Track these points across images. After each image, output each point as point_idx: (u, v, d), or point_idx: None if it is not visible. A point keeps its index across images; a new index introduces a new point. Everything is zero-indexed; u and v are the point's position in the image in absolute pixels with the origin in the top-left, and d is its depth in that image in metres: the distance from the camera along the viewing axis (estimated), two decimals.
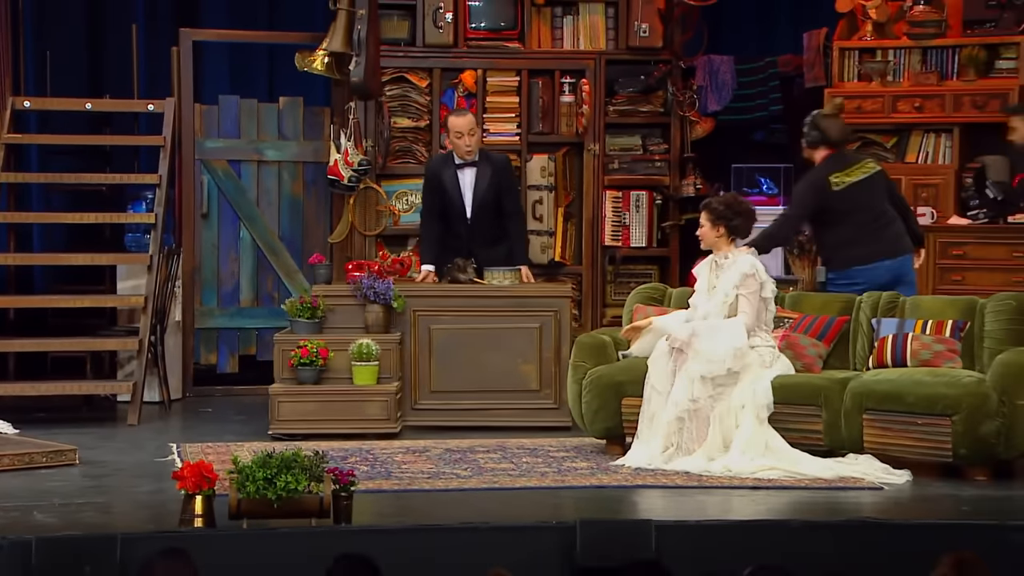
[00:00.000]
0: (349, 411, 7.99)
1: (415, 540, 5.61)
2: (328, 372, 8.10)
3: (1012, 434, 6.66)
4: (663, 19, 9.61)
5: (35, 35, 10.32)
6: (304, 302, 8.31)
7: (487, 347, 8.33)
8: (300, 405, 8.00)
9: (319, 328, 8.27)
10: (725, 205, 7.25)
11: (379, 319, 8.26)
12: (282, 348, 8.17)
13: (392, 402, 8.04)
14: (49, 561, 5.22)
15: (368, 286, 8.24)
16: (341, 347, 8.10)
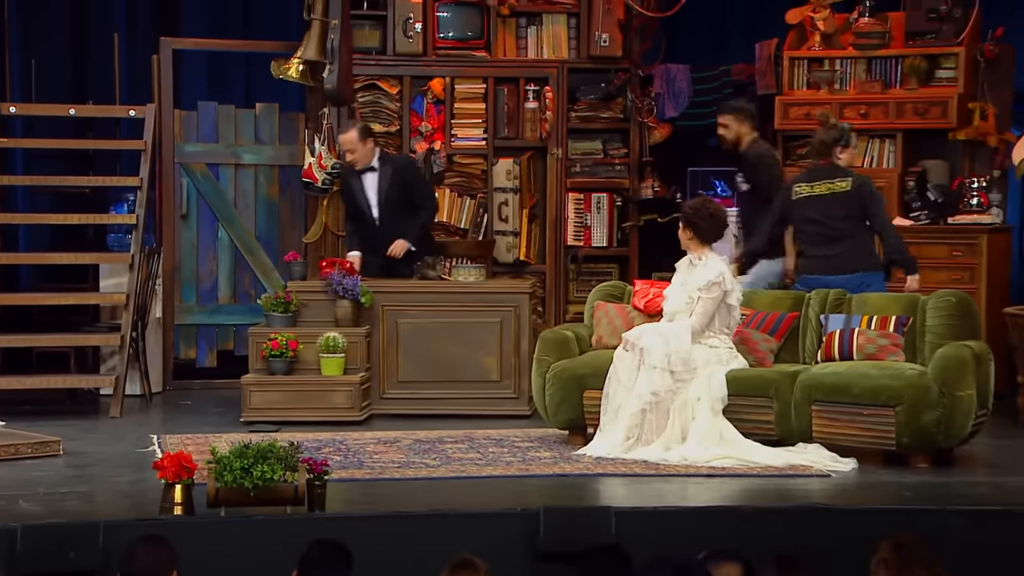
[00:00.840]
0: (316, 400, 8.07)
1: (386, 526, 5.61)
2: (298, 363, 8.19)
3: (951, 423, 6.70)
4: (622, 29, 9.63)
5: (21, 44, 10.25)
6: (278, 297, 8.36)
7: (451, 340, 8.37)
8: (270, 394, 8.10)
9: (292, 322, 8.33)
10: (692, 209, 7.27)
11: (348, 313, 8.31)
12: (256, 340, 8.27)
13: (357, 392, 8.11)
14: (34, 547, 5.20)
15: (337, 282, 8.30)
16: (311, 340, 8.18)
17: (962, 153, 9.32)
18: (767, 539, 5.35)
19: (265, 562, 5.03)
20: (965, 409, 6.71)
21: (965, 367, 6.74)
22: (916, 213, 9.18)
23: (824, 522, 5.78)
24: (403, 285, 8.56)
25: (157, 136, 9.49)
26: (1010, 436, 7.75)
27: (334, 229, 9.44)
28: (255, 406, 8.07)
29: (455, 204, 9.65)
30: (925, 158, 9.36)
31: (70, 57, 10.56)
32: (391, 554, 5.35)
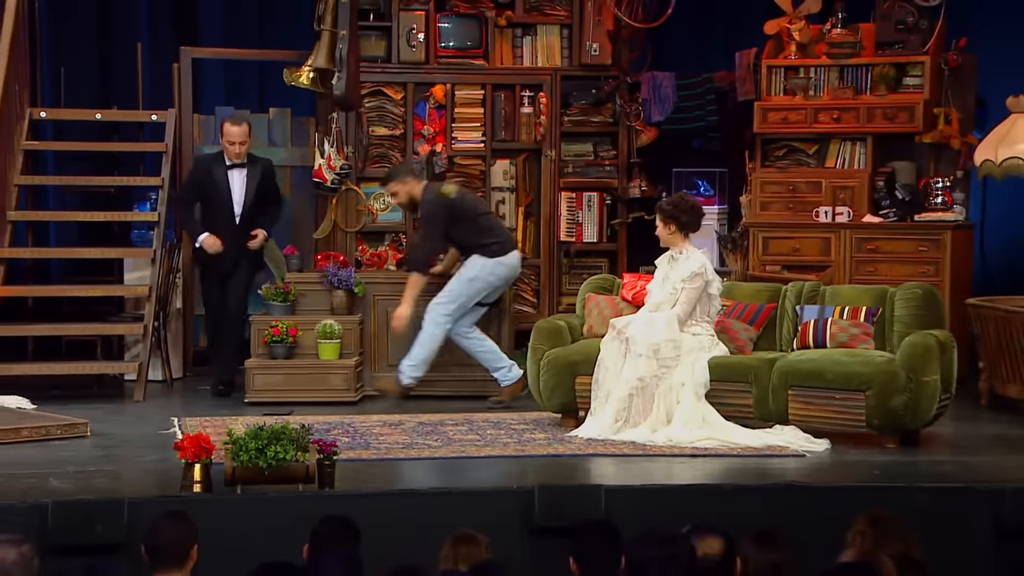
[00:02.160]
0: (314, 382, 8.17)
1: (391, 503, 5.61)
2: (297, 348, 8.30)
3: (918, 407, 6.71)
4: (612, 39, 9.61)
5: (51, 53, 10.22)
6: (278, 288, 8.53)
7: None
8: (272, 377, 8.19)
9: (291, 310, 8.47)
10: (672, 205, 7.25)
11: (343, 302, 8.46)
12: (258, 328, 8.39)
13: (352, 374, 8.19)
14: (64, 522, 5.20)
15: (333, 274, 8.47)
16: (309, 327, 8.30)
17: (928, 155, 9.31)
18: (747, 514, 5.36)
19: (278, 536, 5.02)
20: (930, 393, 6.71)
21: (930, 354, 6.74)
22: (885, 211, 9.17)
23: (799, 498, 5.79)
24: (393, 276, 8.76)
25: (177, 139, 9.47)
26: (972, 418, 7.76)
27: (342, 226, 9.42)
28: (258, 388, 8.16)
29: None
30: (894, 159, 9.35)
31: (96, 65, 10.53)
32: (396, 529, 5.34)
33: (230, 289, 8.54)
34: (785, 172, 9.49)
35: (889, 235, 9.00)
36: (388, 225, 9.51)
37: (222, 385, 8.51)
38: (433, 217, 8.19)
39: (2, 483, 5.91)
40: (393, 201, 8.68)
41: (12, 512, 5.24)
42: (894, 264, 8.91)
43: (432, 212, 8.20)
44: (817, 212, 9.19)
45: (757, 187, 9.45)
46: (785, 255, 9.21)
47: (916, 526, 4.40)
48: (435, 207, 8.20)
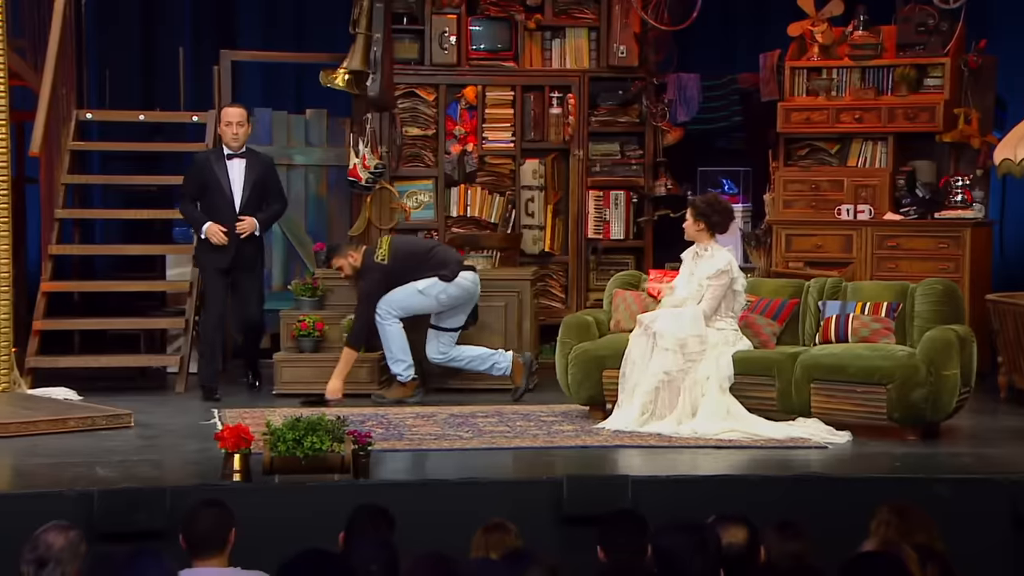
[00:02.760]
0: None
1: (424, 493, 5.62)
2: (324, 342, 8.28)
3: (938, 400, 6.67)
4: (639, 42, 9.58)
5: (97, 57, 10.30)
6: (307, 283, 8.53)
7: None
8: (299, 370, 8.19)
9: (320, 305, 8.47)
10: (707, 204, 7.22)
11: None
12: (286, 322, 8.40)
13: (376, 368, 8.18)
14: (109, 510, 5.23)
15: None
16: (335, 321, 8.29)
17: (948, 154, 9.26)
18: (770, 504, 5.34)
19: (315, 525, 5.03)
20: (950, 387, 6.67)
21: (950, 349, 6.70)
22: (906, 209, 9.12)
23: (822, 489, 5.77)
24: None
25: (217, 139, 9.50)
26: (991, 411, 7.71)
27: (377, 224, 9.44)
28: (286, 380, 8.16)
29: (486, 201, 9.63)
30: (914, 159, 9.30)
31: (140, 69, 10.61)
32: (429, 517, 5.34)
33: (246, 297, 8.24)
34: (808, 171, 9.45)
35: (910, 232, 8.95)
36: (421, 223, 9.52)
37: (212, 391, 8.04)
38: (371, 289, 7.91)
39: (51, 472, 5.96)
40: (341, 275, 8.29)
41: (60, 500, 5.27)
42: (915, 261, 8.86)
43: (371, 282, 7.93)
44: (839, 210, 9.15)
45: (780, 185, 9.41)
46: (808, 252, 9.18)
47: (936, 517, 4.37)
48: (374, 274, 7.95)
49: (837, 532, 4.64)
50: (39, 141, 8.53)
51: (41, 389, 7.89)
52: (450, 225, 9.53)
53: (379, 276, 7.98)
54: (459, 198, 9.57)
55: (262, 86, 10.66)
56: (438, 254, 8.16)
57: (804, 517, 4.39)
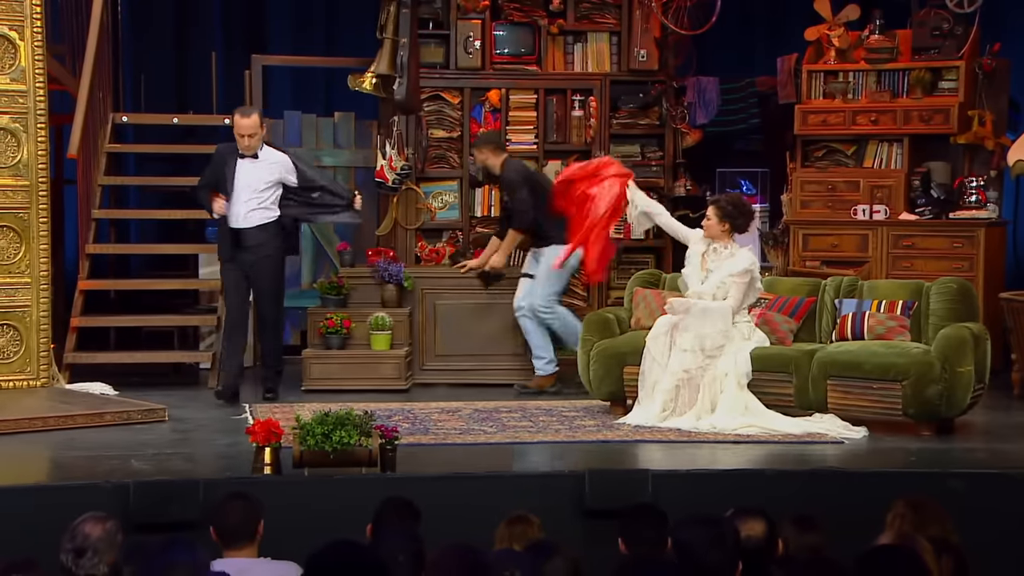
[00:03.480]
0: (367, 371, 8.22)
1: (450, 486, 5.62)
2: (351, 339, 8.33)
3: (952, 396, 6.64)
4: (659, 46, 9.56)
5: (132, 62, 10.34)
6: (332, 282, 8.58)
7: (481, 318, 8.55)
8: (327, 366, 8.24)
9: (344, 303, 8.51)
10: (732, 204, 7.18)
11: (393, 296, 8.52)
12: (314, 320, 8.45)
13: (402, 364, 8.26)
14: (144, 501, 5.25)
15: (384, 268, 8.54)
16: (361, 319, 8.34)
17: (962, 155, 9.21)
18: (788, 498, 5.33)
19: (343, 517, 5.03)
20: (965, 383, 6.64)
21: (965, 346, 6.67)
22: (921, 209, 9.08)
23: (838, 483, 5.74)
24: (439, 271, 8.79)
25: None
26: (1005, 408, 7.67)
27: (403, 224, 9.44)
28: (314, 376, 8.21)
29: None
30: (929, 160, 9.25)
31: (174, 73, 10.65)
32: (454, 510, 5.34)
33: (258, 295, 7.92)
34: (824, 172, 9.42)
35: (925, 232, 8.91)
36: (446, 223, 9.52)
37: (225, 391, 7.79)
38: (518, 178, 8.38)
39: (88, 464, 5.99)
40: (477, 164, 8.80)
41: (97, 491, 5.30)
42: (929, 260, 8.82)
43: (516, 171, 8.45)
44: (855, 210, 9.12)
45: (798, 186, 9.38)
46: (824, 251, 9.15)
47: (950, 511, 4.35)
48: (519, 169, 8.49)
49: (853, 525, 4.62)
50: (77, 143, 8.57)
51: (78, 384, 7.93)
52: (475, 225, 9.52)
53: (523, 171, 8.42)
54: (483, 199, 9.57)
55: (292, 90, 10.68)
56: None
57: (820, 511, 4.38)
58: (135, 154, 10.31)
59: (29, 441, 6.53)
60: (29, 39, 7.59)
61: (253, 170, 7.75)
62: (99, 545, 3.72)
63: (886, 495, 4.48)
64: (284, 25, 10.83)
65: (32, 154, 7.64)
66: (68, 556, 3.72)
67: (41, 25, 7.67)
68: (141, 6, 10.46)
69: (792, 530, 4.08)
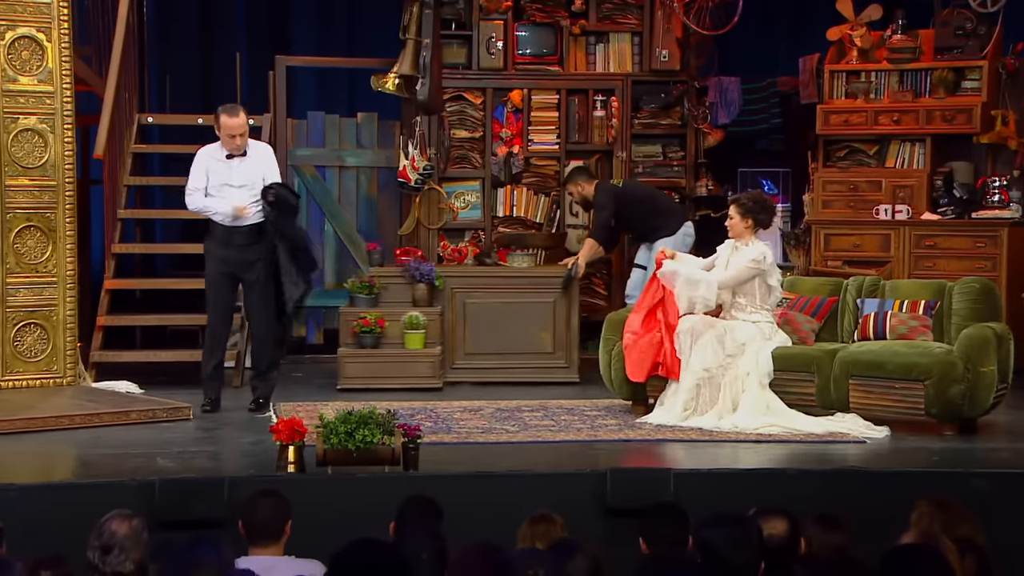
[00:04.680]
0: (402, 370, 8.23)
1: (472, 485, 5.62)
2: (384, 338, 8.33)
3: (975, 396, 6.60)
4: (681, 46, 9.54)
5: (158, 63, 10.39)
6: (363, 281, 8.58)
7: (511, 317, 8.56)
8: (362, 365, 8.25)
9: (375, 303, 8.52)
10: (753, 201, 7.17)
11: (424, 295, 8.53)
12: (346, 319, 8.45)
13: (436, 363, 8.29)
14: (169, 498, 5.27)
15: (415, 268, 8.54)
16: (394, 318, 8.34)
17: (985, 155, 9.17)
18: (810, 497, 5.31)
19: (366, 515, 5.03)
20: (987, 383, 6.60)
21: (988, 346, 6.63)
22: (943, 209, 9.04)
23: (860, 483, 5.72)
24: (469, 270, 8.81)
25: (272, 142, 9.54)
26: None
27: (425, 223, 9.45)
28: (349, 375, 8.22)
29: (531, 201, 9.62)
30: (952, 160, 9.21)
31: (199, 74, 10.69)
32: (476, 509, 5.34)
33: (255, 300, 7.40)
34: (846, 172, 9.39)
35: (947, 232, 8.87)
36: (468, 222, 9.53)
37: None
38: (605, 200, 8.72)
39: (114, 462, 6.01)
40: (571, 198, 9.13)
41: (123, 489, 5.32)
42: (952, 260, 8.78)
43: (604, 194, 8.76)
44: (877, 210, 9.08)
45: (819, 186, 9.35)
46: (846, 251, 9.12)
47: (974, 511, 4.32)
48: (607, 191, 8.77)
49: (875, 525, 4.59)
50: (103, 144, 8.62)
51: (104, 383, 7.96)
52: (496, 225, 9.53)
53: (611, 192, 8.73)
54: (505, 198, 9.57)
55: (315, 90, 10.72)
56: (663, 200, 8.85)
57: (842, 510, 4.35)
58: (160, 154, 10.35)
59: (56, 439, 6.56)
60: (56, 41, 7.63)
61: (245, 168, 7.33)
62: (125, 542, 3.74)
63: (908, 495, 4.46)
64: (308, 26, 10.86)
65: (59, 154, 7.68)
66: (95, 553, 3.74)
67: (68, 27, 7.71)
68: (166, 8, 10.51)
69: (816, 529, 4.06)
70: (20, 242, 7.60)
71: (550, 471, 5.90)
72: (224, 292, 7.44)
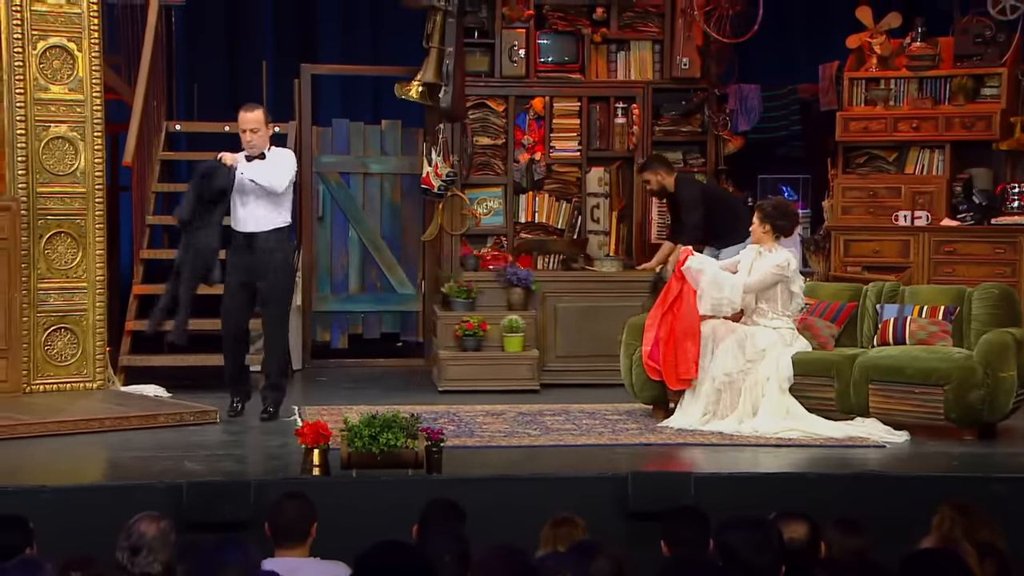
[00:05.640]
0: (502, 372, 8.34)
1: (494, 488, 5.62)
2: (486, 341, 8.47)
3: (995, 401, 6.56)
4: (701, 54, 9.52)
5: (186, 72, 10.44)
6: (461, 286, 8.68)
7: (600, 320, 8.63)
8: (464, 367, 8.38)
9: (472, 307, 8.64)
10: (774, 208, 7.17)
11: (520, 299, 8.67)
12: (445, 322, 8.60)
13: (535, 365, 8.42)
14: (197, 500, 5.29)
15: (512, 273, 8.67)
16: (496, 321, 8.47)
17: (1005, 161, 9.11)
18: (830, 501, 5.29)
19: (390, 517, 5.05)
20: (1007, 388, 6.57)
21: (1007, 351, 6.59)
22: (963, 215, 8.99)
23: (880, 487, 5.69)
24: (559, 275, 8.91)
25: (298, 149, 9.59)
26: None
27: (448, 229, 9.46)
28: (451, 377, 8.34)
29: (553, 207, 9.62)
30: (971, 166, 9.16)
31: (226, 82, 10.73)
32: (498, 512, 5.34)
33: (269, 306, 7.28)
34: (866, 178, 9.35)
35: (967, 238, 8.83)
36: (490, 228, 9.54)
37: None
38: (694, 196, 8.56)
39: (143, 465, 6.04)
40: (647, 188, 8.98)
41: (151, 491, 5.34)
42: (971, 266, 8.73)
43: (691, 190, 8.63)
44: (897, 216, 9.05)
45: (839, 192, 9.32)
46: (866, 257, 9.08)
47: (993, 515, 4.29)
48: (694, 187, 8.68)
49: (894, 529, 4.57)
50: (132, 151, 8.66)
51: (133, 386, 8.00)
52: (519, 231, 9.53)
53: (699, 189, 8.58)
54: (527, 205, 9.57)
55: (340, 98, 10.74)
56: (740, 205, 8.78)
57: (862, 514, 4.34)
58: (188, 161, 10.37)
59: (86, 442, 6.59)
60: (87, 50, 7.68)
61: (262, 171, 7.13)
62: (154, 543, 3.75)
63: (928, 499, 4.44)
64: (333, 35, 10.90)
65: (89, 162, 7.73)
66: (124, 554, 3.76)
67: (98, 37, 7.76)
68: (194, 17, 10.55)
69: (836, 533, 4.05)
70: (51, 248, 7.65)
71: (572, 474, 5.89)
72: (239, 299, 7.27)
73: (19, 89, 7.49)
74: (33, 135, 7.55)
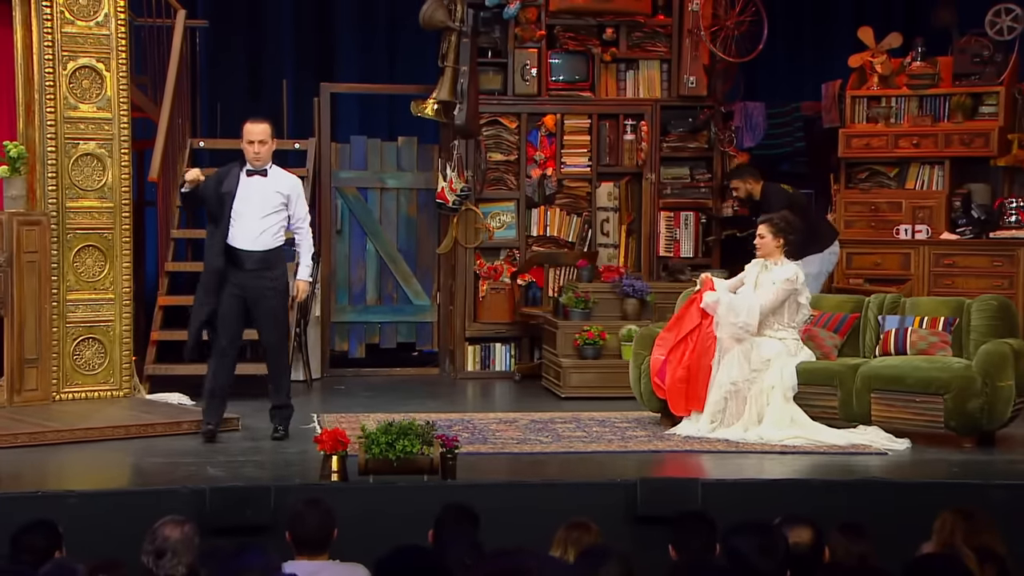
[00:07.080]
0: (621, 380, 8.08)
1: (507, 493, 5.61)
2: (605, 349, 8.52)
3: (993, 410, 6.55)
4: (708, 73, 9.54)
5: (209, 91, 10.46)
6: (579, 296, 8.71)
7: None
8: (584, 375, 8.42)
9: (588, 316, 8.68)
10: (786, 223, 7.11)
11: (636, 309, 8.76)
12: (564, 332, 8.61)
13: None
14: (219, 505, 5.29)
15: (629, 284, 8.70)
16: (615, 331, 8.55)
17: (1002, 177, 9.12)
18: (833, 507, 5.27)
19: (406, 522, 5.06)
20: (1005, 397, 6.55)
21: (1005, 361, 6.58)
22: (962, 229, 8.98)
23: (882, 493, 5.67)
24: (667, 286, 8.92)
25: (317, 165, 9.62)
26: None
27: (462, 242, 9.48)
28: (573, 384, 8.38)
29: (564, 221, 9.64)
30: (970, 182, 9.16)
31: (247, 100, 10.75)
32: (511, 517, 5.33)
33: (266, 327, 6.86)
34: (868, 193, 9.35)
35: (966, 251, 8.81)
36: (503, 241, 9.55)
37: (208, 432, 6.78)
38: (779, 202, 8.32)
39: (166, 470, 6.05)
40: (735, 193, 9.00)
41: (175, 496, 5.35)
42: (970, 278, 8.72)
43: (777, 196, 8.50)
44: (897, 230, 9.04)
45: (841, 207, 9.32)
46: (868, 269, 9.08)
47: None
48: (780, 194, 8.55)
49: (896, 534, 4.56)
50: (157, 168, 8.70)
51: (158, 395, 8.02)
52: (531, 244, 9.54)
53: (786, 198, 8.38)
54: (539, 219, 9.59)
55: (358, 115, 10.76)
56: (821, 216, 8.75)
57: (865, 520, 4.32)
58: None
59: (112, 448, 6.61)
60: (115, 70, 7.72)
61: (261, 189, 6.78)
62: (178, 547, 3.76)
63: (929, 505, 4.43)
64: (351, 55, 10.92)
65: (116, 178, 7.76)
66: (149, 557, 3.76)
67: (126, 57, 7.80)
68: (217, 38, 10.59)
69: (840, 538, 4.03)
70: (79, 261, 7.68)
71: (582, 480, 5.89)
72: (232, 314, 6.78)
73: (50, 108, 7.53)
74: (63, 152, 7.58)
